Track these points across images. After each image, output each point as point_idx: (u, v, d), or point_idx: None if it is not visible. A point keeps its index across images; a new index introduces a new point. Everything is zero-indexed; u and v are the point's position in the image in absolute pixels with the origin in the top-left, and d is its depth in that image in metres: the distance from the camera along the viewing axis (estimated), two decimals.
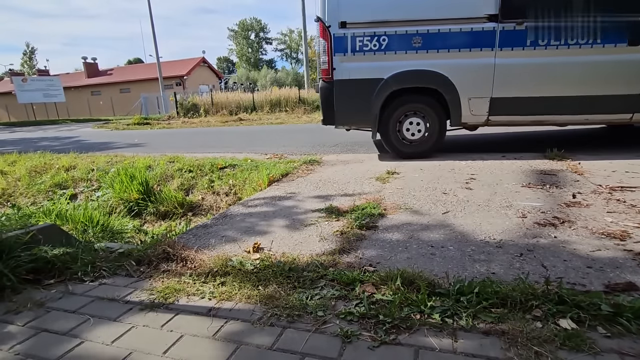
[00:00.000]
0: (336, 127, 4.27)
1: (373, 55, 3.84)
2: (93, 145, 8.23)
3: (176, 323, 1.28)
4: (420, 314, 1.22)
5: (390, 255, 1.70)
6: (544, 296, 1.22)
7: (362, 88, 3.91)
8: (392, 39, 3.79)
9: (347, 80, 3.92)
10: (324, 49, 3.88)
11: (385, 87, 3.86)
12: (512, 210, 2.19)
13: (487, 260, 1.59)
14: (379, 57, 3.84)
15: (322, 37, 3.86)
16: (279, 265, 1.60)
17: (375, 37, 3.80)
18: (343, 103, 3.98)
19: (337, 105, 3.99)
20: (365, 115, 4.00)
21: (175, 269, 1.67)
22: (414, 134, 4.02)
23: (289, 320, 1.25)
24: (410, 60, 3.80)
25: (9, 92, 31.31)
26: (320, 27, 3.86)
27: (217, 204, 3.66)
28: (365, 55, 3.85)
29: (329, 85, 3.96)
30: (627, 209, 2.10)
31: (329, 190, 2.92)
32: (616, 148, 4.03)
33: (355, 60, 3.88)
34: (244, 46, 62.65)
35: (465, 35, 3.68)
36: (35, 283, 1.62)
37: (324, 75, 3.98)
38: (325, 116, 4.13)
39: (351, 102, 3.98)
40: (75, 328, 1.29)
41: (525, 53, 3.62)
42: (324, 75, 3.97)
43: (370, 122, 4.04)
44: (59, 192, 4.47)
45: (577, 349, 1.02)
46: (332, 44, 3.84)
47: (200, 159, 4.71)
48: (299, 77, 46.67)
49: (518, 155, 3.83)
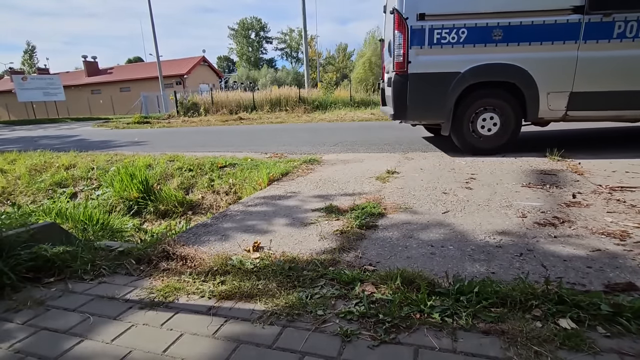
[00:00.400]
0: (405, 122, 4.17)
1: (451, 48, 3.75)
2: (93, 144, 8.23)
3: (176, 322, 1.28)
4: (420, 314, 1.22)
5: (390, 254, 1.70)
6: (543, 296, 1.22)
7: (437, 82, 3.83)
8: (472, 32, 3.70)
9: (422, 74, 3.83)
10: (399, 42, 3.77)
11: (462, 81, 3.78)
12: (512, 210, 2.19)
13: (487, 260, 1.59)
14: (456, 50, 3.75)
15: (397, 29, 3.77)
16: (279, 264, 1.60)
17: (454, 29, 3.71)
18: (417, 97, 3.89)
19: (411, 99, 3.89)
20: (439, 109, 3.91)
21: (175, 268, 1.67)
22: (490, 129, 3.94)
23: (288, 319, 1.25)
24: (489, 54, 3.71)
25: (9, 91, 31.29)
26: (397, 19, 3.76)
27: (217, 203, 3.66)
28: (443, 48, 3.76)
29: (402, 78, 3.86)
30: (627, 209, 2.10)
31: (329, 189, 2.92)
32: (616, 148, 4.03)
33: (432, 54, 3.79)
34: (244, 45, 62.60)
35: (549, 27, 3.57)
36: (35, 281, 1.63)
37: (397, 68, 3.87)
38: (397, 111, 4.01)
39: (425, 97, 3.89)
40: (75, 326, 1.29)
41: (611, 46, 3.52)
42: (398, 69, 3.86)
43: (443, 117, 3.94)
44: (59, 191, 4.47)
45: (576, 349, 1.02)
46: (409, 36, 3.75)
47: (200, 158, 4.71)
48: (299, 77, 46.67)
49: (518, 155, 3.83)
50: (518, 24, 3.61)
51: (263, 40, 64.03)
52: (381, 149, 4.90)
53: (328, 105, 14.69)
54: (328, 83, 17.31)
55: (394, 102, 4.01)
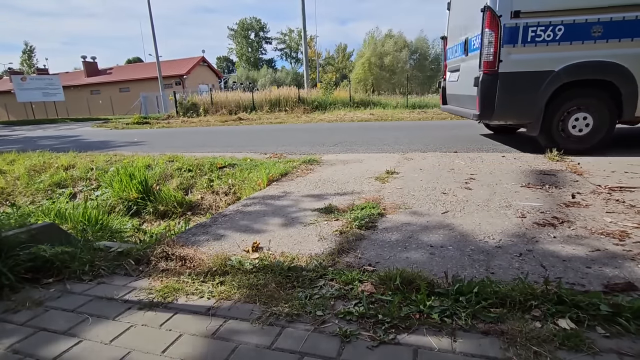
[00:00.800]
0: (489, 122, 4.04)
1: (545, 46, 3.64)
2: (92, 144, 8.22)
3: (175, 322, 1.28)
4: (419, 314, 1.21)
5: (390, 255, 1.70)
6: (543, 296, 1.23)
7: (529, 81, 3.73)
8: (569, 29, 3.57)
9: (514, 73, 3.73)
10: (490, 40, 3.68)
11: (555, 79, 3.66)
12: (512, 210, 2.19)
13: (486, 260, 1.59)
14: (551, 48, 3.63)
15: (489, 27, 3.67)
16: (278, 265, 1.60)
17: (550, 26, 3.59)
18: (506, 97, 3.78)
19: (499, 98, 3.78)
20: (529, 109, 3.81)
21: (174, 268, 1.67)
22: (581, 130, 3.82)
23: (287, 319, 1.24)
24: (586, 51, 3.58)
25: (8, 91, 31.25)
26: (489, 17, 3.67)
27: (216, 204, 3.66)
28: (537, 47, 3.65)
29: (492, 78, 3.77)
30: (626, 209, 2.11)
31: (328, 189, 2.92)
32: (616, 148, 4.03)
33: (525, 52, 3.69)
34: (244, 45, 62.59)
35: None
36: (33, 282, 1.62)
37: (486, 67, 3.78)
38: (484, 111, 3.91)
39: (515, 96, 3.79)
40: (74, 327, 1.28)
41: None
42: (488, 68, 3.77)
43: (532, 117, 3.85)
44: (58, 191, 4.46)
45: (576, 349, 1.02)
46: (501, 34, 3.65)
47: (200, 158, 4.71)
48: (298, 77, 46.66)
49: (517, 155, 3.83)
50: (621, 19, 3.47)
51: (262, 41, 64.04)
52: (380, 149, 4.90)
53: (327, 105, 14.68)
54: (327, 83, 17.26)
55: (481, 102, 3.89)
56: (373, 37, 41.72)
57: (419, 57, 42.63)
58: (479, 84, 3.88)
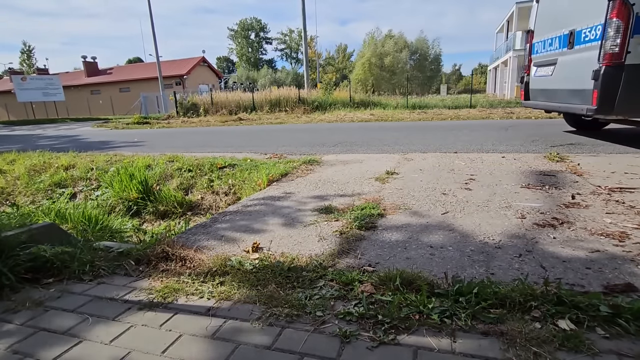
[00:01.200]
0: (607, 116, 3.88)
1: None
2: (92, 144, 8.22)
3: (175, 322, 1.28)
4: (419, 314, 1.21)
5: (390, 255, 1.70)
6: (542, 297, 1.23)
7: None
8: None
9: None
10: (618, 30, 3.48)
11: None
12: (512, 211, 2.19)
13: (486, 261, 1.59)
14: None
15: (616, 16, 3.49)
16: (278, 265, 1.60)
17: None
18: (632, 90, 3.57)
19: (624, 91, 3.58)
20: None
21: (174, 269, 1.67)
22: None
23: (287, 320, 1.25)
24: None
25: (9, 91, 31.25)
26: (618, 6, 3.49)
27: (216, 204, 3.66)
28: None
29: (617, 70, 3.58)
30: (626, 210, 2.11)
31: (328, 190, 2.92)
32: (616, 149, 4.03)
33: None
34: (244, 46, 62.63)
35: None
36: (34, 282, 1.62)
37: (611, 59, 3.58)
38: (603, 105, 3.70)
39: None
40: (74, 327, 1.29)
41: None
42: (612, 60, 3.58)
43: None
44: (58, 191, 4.46)
45: (575, 350, 1.02)
46: (633, 24, 3.43)
47: (200, 158, 4.71)
48: (298, 77, 46.66)
49: (517, 156, 3.83)
50: None
51: (263, 41, 64.10)
52: (381, 150, 4.90)
53: (327, 105, 14.69)
54: (328, 84, 17.29)
55: (602, 95, 3.68)
56: (373, 38, 41.78)
57: (419, 58, 42.70)
58: (599, 77, 3.67)
